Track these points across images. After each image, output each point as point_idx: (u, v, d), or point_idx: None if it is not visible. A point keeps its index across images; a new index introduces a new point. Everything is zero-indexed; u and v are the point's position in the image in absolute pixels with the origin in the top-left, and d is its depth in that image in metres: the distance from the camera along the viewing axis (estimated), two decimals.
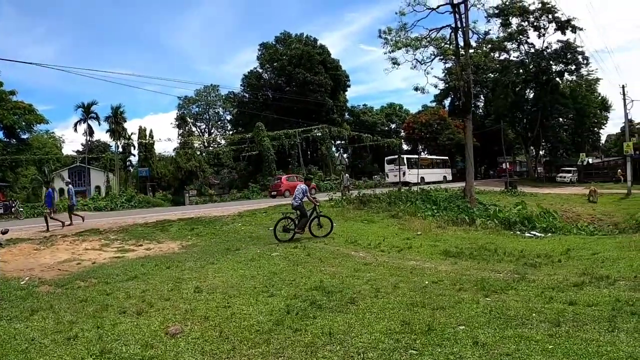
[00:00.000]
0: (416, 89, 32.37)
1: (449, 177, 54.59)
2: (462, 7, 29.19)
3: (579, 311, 6.51)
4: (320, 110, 62.73)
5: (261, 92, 68.04)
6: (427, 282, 8.48)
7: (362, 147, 63.35)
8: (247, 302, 7.36)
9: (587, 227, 21.91)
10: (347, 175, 30.64)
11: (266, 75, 70.90)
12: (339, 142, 69.35)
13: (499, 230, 17.24)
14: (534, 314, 6.38)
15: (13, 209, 30.58)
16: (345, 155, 62.74)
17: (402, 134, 74.11)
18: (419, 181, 44.55)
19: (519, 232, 17.39)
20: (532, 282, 8.50)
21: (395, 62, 30.13)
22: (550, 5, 50.36)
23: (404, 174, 43.84)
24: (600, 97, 67.46)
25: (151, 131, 52.15)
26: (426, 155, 60.99)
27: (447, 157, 58.70)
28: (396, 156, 47.92)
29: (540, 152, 71.15)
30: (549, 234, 17.35)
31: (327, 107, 63.62)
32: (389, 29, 29.58)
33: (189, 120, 77.03)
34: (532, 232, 17.44)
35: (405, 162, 46.75)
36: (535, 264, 10.48)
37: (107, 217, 22.74)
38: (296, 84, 63.19)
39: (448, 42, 30.54)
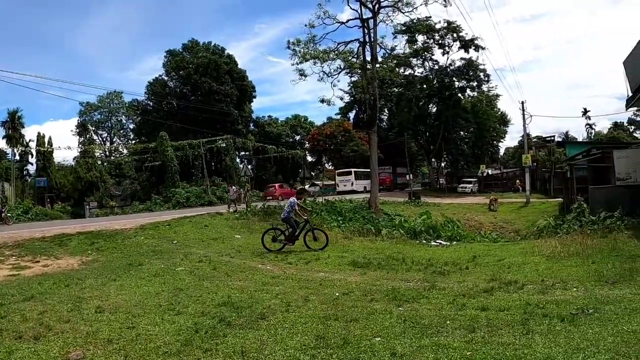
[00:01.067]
0: (322, 100, 32.85)
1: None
2: (371, 22, 30.29)
3: (492, 316, 6.63)
4: (225, 121, 61.97)
5: (166, 101, 65.93)
6: (338, 294, 8.39)
7: (266, 158, 63.09)
8: (153, 322, 6.80)
9: (490, 235, 23.01)
10: (234, 187, 30.21)
11: (171, 83, 68.87)
12: (243, 153, 68.57)
13: (405, 239, 17.64)
14: (448, 322, 6.42)
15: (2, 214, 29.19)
16: (249, 167, 62.30)
17: (307, 145, 74.78)
18: (364, 190, 48.80)
19: (424, 241, 17.84)
20: (443, 289, 8.65)
21: (302, 74, 30.60)
22: (455, 25, 53.19)
23: (352, 184, 53.47)
24: (499, 112, 72.69)
25: (50, 138, 50.05)
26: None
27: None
28: (348, 169, 56.40)
29: (442, 164, 74.70)
30: (454, 242, 17.97)
31: (233, 118, 63.00)
32: (298, 40, 30.11)
33: (90, 128, 73.91)
34: (437, 241, 17.93)
35: (353, 174, 55.10)
36: (444, 271, 10.75)
37: (1, 231, 20.70)
38: (202, 93, 62.10)
39: (355, 56, 31.39)
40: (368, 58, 30.63)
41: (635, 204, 16.55)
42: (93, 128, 78.56)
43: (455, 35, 53.86)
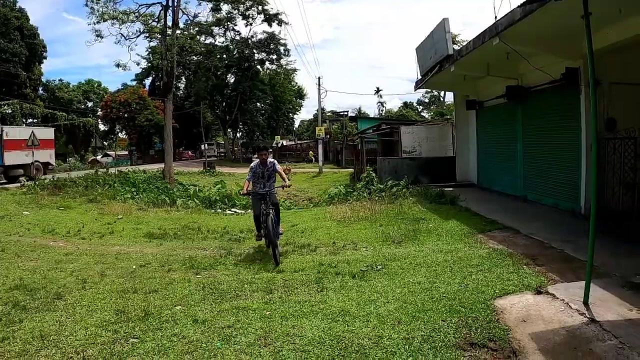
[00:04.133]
0: (118, 65, 31.09)
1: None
2: None
3: (287, 277, 6.95)
4: (11, 83, 53.34)
5: None
6: (134, 267, 8.14)
7: (56, 126, 56.71)
8: None
9: (284, 203, 23.78)
10: None
11: None
12: (30, 120, 60.65)
13: (201, 209, 17.30)
14: (246, 285, 6.59)
15: None
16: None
17: (100, 113, 68.98)
18: None
19: (220, 210, 17.72)
20: (239, 255, 8.82)
21: (99, 35, 28.83)
22: None
23: None
24: (297, 86, 75.25)
25: None
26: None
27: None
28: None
29: (238, 135, 75.30)
30: (249, 210, 18.08)
31: (20, 80, 54.46)
32: None
33: None
34: (232, 209, 17.95)
35: (271, 150, 52.28)
36: (239, 239, 10.88)
37: None
38: None
39: (157, 20, 30.13)
40: (169, 23, 29.48)
41: (419, 174, 18.66)
42: None
43: (260, 8, 54.19)
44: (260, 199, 8.72)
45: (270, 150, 16.07)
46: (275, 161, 9.24)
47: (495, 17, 11.13)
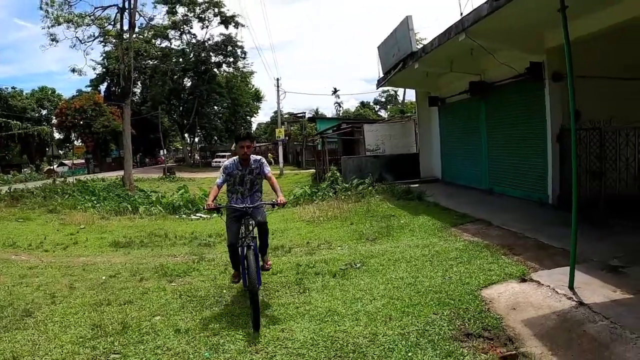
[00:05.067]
0: (73, 70, 31.45)
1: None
2: None
3: (266, 280, 6.74)
4: None
5: None
6: (104, 277, 7.76)
7: (9, 135, 54.62)
8: None
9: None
10: None
11: None
12: None
13: (165, 215, 17.00)
14: (224, 291, 6.44)
15: None
16: None
17: (54, 120, 66.86)
18: None
19: (184, 216, 17.47)
20: (212, 260, 8.58)
21: (54, 39, 28.61)
22: (217, 0, 53.62)
23: None
24: (254, 89, 74.75)
25: None
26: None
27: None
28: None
29: (196, 139, 74.44)
30: (215, 215, 17.90)
31: None
32: (52, 0, 27.48)
33: None
34: (198, 214, 17.71)
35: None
36: (209, 243, 10.64)
37: None
38: None
39: (112, 23, 29.72)
40: (125, 26, 29.17)
41: (383, 172, 18.91)
42: None
43: (216, 10, 54.53)
44: (239, 217, 5.85)
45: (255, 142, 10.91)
46: (264, 159, 6.22)
47: (461, 14, 11.30)
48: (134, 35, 30.51)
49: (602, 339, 4.06)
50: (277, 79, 45.53)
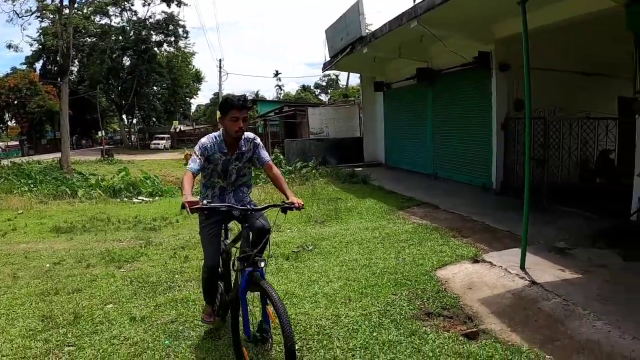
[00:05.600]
0: (9, 46, 29.36)
1: None
2: None
3: None
4: None
5: None
6: (48, 265, 7.35)
7: None
8: None
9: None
10: None
11: None
12: None
13: (105, 199, 16.44)
14: (176, 276, 6.24)
15: None
16: None
17: None
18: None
19: (126, 199, 17.01)
20: (160, 244, 8.35)
21: None
22: None
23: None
24: (194, 69, 72.90)
25: None
26: None
27: None
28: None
29: (134, 120, 72.24)
30: (157, 198, 17.64)
31: None
32: None
33: None
34: (140, 198, 17.32)
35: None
36: (155, 227, 10.33)
37: None
38: None
39: None
40: (65, 2, 27.79)
41: (327, 155, 19.04)
42: None
43: None
44: (219, 222, 4.13)
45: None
46: (259, 139, 4.30)
47: (414, 0, 11.43)
48: (74, 11, 29.20)
49: (557, 315, 4.27)
50: (220, 60, 45.25)
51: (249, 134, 4.13)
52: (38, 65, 63.43)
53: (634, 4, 5.91)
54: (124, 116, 66.32)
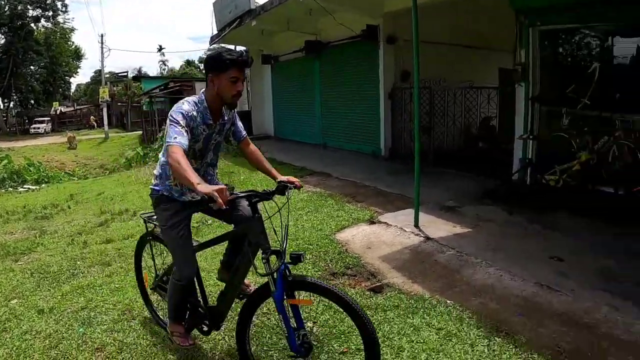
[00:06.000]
0: None
1: None
2: None
3: (119, 246, 6.48)
4: None
5: None
6: None
7: None
8: None
9: (78, 172, 22.47)
10: None
11: None
12: None
13: None
14: (78, 262, 5.92)
15: None
16: None
17: None
18: None
19: (11, 189, 16.09)
20: (55, 233, 7.97)
21: None
22: None
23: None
24: (74, 46, 67.78)
25: None
26: None
27: None
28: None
29: (10, 104, 66.32)
30: (44, 185, 16.81)
31: None
32: None
33: None
34: (25, 186, 16.45)
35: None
36: (47, 215, 9.85)
37: None
38: None
39: None
40: None
41: None
42: None
43: None
44: (189, 217, 3.29)
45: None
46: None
47: None
48: None
49: (453, 265, 4.66)
50: (102, 35, 42.44)
51: None
52: None
53: None
54: None
